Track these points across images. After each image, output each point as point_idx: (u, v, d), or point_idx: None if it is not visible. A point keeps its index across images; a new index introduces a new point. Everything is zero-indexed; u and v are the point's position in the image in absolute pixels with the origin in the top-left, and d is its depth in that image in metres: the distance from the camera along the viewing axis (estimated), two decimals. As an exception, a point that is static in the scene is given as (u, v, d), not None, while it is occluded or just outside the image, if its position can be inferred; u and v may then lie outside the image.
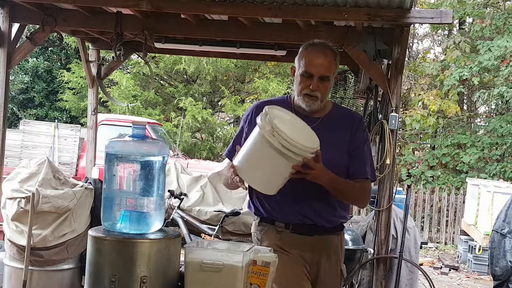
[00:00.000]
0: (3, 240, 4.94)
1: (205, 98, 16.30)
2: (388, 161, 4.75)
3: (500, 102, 15.16)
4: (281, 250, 2.71)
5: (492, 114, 16.95)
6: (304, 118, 2.64)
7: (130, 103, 13.27)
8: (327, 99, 2.76)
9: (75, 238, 4.82)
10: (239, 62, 14.65)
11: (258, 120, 2.43)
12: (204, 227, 6.40)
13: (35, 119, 14.80)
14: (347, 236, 4.82)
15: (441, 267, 9.51)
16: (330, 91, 2.81)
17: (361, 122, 2.84)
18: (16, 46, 5.41)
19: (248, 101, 15.89)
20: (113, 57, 6.19)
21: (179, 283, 2.79)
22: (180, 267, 2.81)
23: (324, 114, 2.76)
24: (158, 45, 5.69)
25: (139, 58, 10.80)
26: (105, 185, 2.82)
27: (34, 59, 17.99)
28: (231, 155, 2.76)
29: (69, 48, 17.39)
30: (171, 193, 6.41)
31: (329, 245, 2.81)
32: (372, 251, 5.08)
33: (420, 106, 14.49)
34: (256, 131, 2.44)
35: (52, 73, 17.75)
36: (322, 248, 2.78)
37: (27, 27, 6.01)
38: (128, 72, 16.43)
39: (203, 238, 6.01)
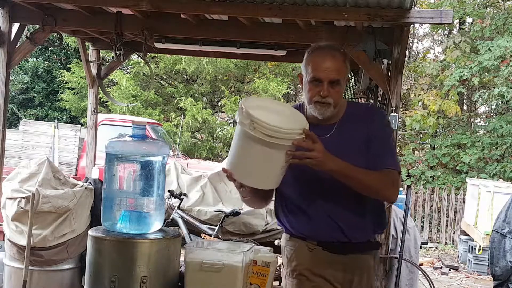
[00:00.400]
0: (3, 240, 4.94)
1: (205, 98, 16.30)
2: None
3: (500, 102, 15.16)
4: (310, 274, 2.54)
5: (492, 114, 16.95)
6: (318, 127, 2.46)
7: (130, 103, 13.27)
8: (340, 103, 2.55)
9: (75, 238, 4.82)
10: (239, 62, 14.65)
11: (236, 116, 2.33)
12: (204, 227, 6.40)
13: (35, 119, 14.79)
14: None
15: (441, 267, 9.51)
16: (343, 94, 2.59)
17: (377, 113, 2.65)
18: (16, 46, 5.40)
19: (248, 101, 15.87)
20: (113, 57, 6.19)
21: (179, 283, 2.79)
22: (180, 267, 2.81)
23: (339, 118, 2.56)
24: (158, 45, 5.69)
25: (139, 58, 10.80)
26: (105, 185, 2.83)
27: (34, 59, 17.99)
28: None
29: (69, 48, 17.39)
30: (171, 193, 6.41)
31: (363, 265, 2.58)
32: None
33: (420, 106, 14.49)
34: (238, 128, 2.33)
35: (52, 73, 17.75)
36: (356, 267, 2.56)
37: (27, 27, 6.01)
38: (128, 72, 16.43)
39: (203, 238, 6.00)
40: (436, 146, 15.26)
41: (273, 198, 2.68)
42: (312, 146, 2.27)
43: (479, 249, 8.90)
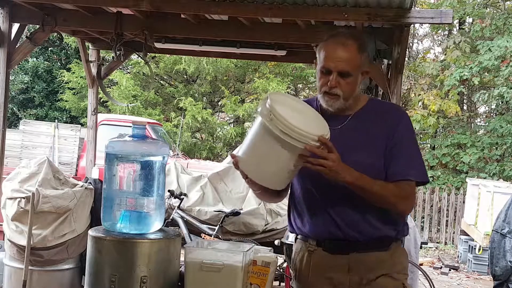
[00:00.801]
0: (3, 240, 4.94)
1: (205, 98, 16.30)
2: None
3: (500, 102, 15.16)
4: (312, 279, 2.43)
5: (492, 114, 16.96)
6: (331, 118, 2.34)
7: (130, 103, 13.27)
8: (354, 96, 2.38)
9: (75, 238, 4.82)
10: (239, 62, 14.66)
11: (259, 106, 2.25)
12: (204, 227, 6.40)
13: (35, 119, 14.79)
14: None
15: (441, 267, 9.50)
16: (359, 87, 2.41)
17: (404, 116, 2.44)
18: (16, 46, 5.41)
19: (248, 101, 15.90)
20: (113, 57, 6.19)
21: (179, 283, 2.79)
22: (180, 267, 2.81)
23: (355, 111, 2.41)
24: (158, 45, 5.69)
25: (139, 58, 10.80)
26: (105, 185, 2.83)
27: (34, 59, 17.99)
28: None
29: (69, 48, 17.39)
30: (171, 193, 6.41)
31: (371, 263, 2.37)
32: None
33: (420, 106, 14.49)
34: (257, 119, 2.25)
35: (52, 73, 17.75)
36: (361, 267, 2.37)
37: (27, 27, 6.01)
38: (128, 72, 16.44)
39: (203, 238, 6.01)
40: (436, 146, 15.26)
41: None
42: (327, 155, 2.16)
43: (479, 249, 8.89)
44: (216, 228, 6.27)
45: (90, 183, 5.13)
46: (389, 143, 2.33)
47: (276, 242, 4.68)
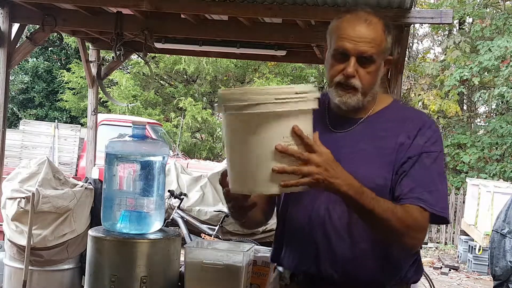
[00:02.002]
0: (3, 240, 4.94)
1: (205, 98, 16.31)
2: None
3: (500, 103, 15.16)
4: None
5: (492, 114, 16.95)
6: (339, 120, 1.80)
7: (130, 103, 13.28)
8: (373, 91, 1.80)
9: (75, 238, 4.82)
10: (239, 62, 14.66)
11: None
12: (204, 227, 6.40)
13: (35, 119, 14.81)
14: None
15: (441, 267, 9.50)
16: (379, 79, 1.82)
17: (431, 127, 1.78)
18: (16, 46, 5.40)
19: (248, 101, 15.88)
20: (113, 57, 6.19)
21: (179, 283, 2.79)
22: (180, 267, 2.81)
23: (370, 113, 1.83)
24: (158, 45, 5.69)
25: (139, 58, 10.80)
26: (105, 185, 2.83)
27: (34, 59, 18.00)
28: None
29: (69, 48, 17.40)
30: (171, 193, 6.41)
31: None
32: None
33: (420, 106, 14.49)
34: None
35: (52, 73, 17.76)
36: None
37: (27, 27, 6.01)
38: (128, 72, 16.44)
39: (203, 238, 6.00)
40: (436, 146, 15.24)
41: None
42: (308, 156, 1.51)
43: (479, 249, 8.90)
44: (216, 228, 6.27)
45: (90, 183, 5.13)
46: (401, 155, 1.73)
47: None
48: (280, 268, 1.91)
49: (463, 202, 11.70)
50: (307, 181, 1.51)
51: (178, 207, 6.48)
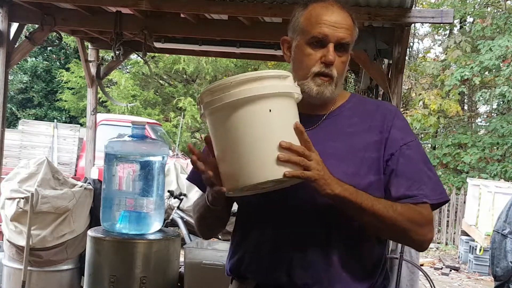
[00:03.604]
0: (2, 240, 4.93)
1: (205, 98, 16.29)
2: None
3: (501, 102, 15.16)
4: None
5: (493, 114, 16.95)
6: (303, 119, 1.55)
7: (129, 103, 13.27)
8: (341, 82, 1.71)
9: (74, 238, 4.80)
10: (238, 61, 14.65)
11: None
12: (204, 227, 6.38)
13: (34, 119, 14.80)
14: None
15: (442, 268, 9.49)
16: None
17: (399, 117, 1.71)
18: (15, 46, 5.39)
19: (248, 101, 15.89)
20: (112, 57, 6.17)
21: (178, 284, 2.77)
22: (180, 267, 2.79)
23: (332, 109, 1.72)
24: (157, 44, 5.68)
25: (138, 57, 10.79)
26: (104, 186, 2.81)
27: (33, 58, 17.99)
28: None
29: (68, 47, 17.39)
30: (171, 193, 6.39)
31: None
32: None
33: (421, 105, 14.48)
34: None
35: (51, 73, 17.76)
36: None
37: (26, 26, 5.99)
38: (128, 72, 16.43)
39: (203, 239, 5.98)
40: (437, 146, 15.25)
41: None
42: (309, 154, 1.45)
43: (480, 250, 8.88)
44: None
45: (89, 183, 5.11)
46: (385, 155, 1.64)
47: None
48: (241, 280, 1.75)
49: (464, 202, 11.69)
50: (310, 174, 1.45)
51: (178, 208, 6.46)
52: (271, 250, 1.66)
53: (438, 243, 12.27)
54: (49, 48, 17.69)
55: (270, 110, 1.44)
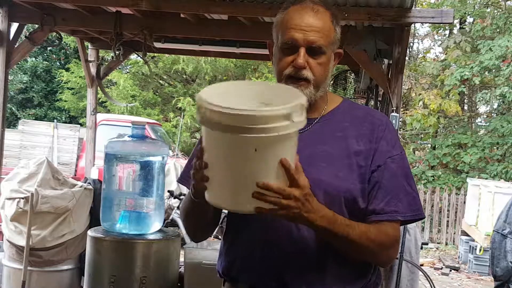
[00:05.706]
0: (2, 240, 4.93)
1: (204, 98, 16.29)
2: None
3: (501, 102, 15.17)
4: None
5: (492, 114, 16.95)
6: None
7: (129, 103, 13.27)
8: (325, 85, 1.72)
9: (74, 238, 4.80)
10: (238, 61, 14.65)
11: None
12: (204, 227, 6.38)
13: (34, 119, 14.80)
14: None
15: (441, 268, 9.49)
16: (330, 74, 1.76)
17: (389, 128, 1.74)
18: (15, 46, 5.39)
19: (247, 101, 15.88)
20: (112, 57, 6.18)
21: (178, 284, 2.77)
22: (180, 267, 2.79)
23: (324, 112, 1.74)
24: (157, 44, 5.68)
25: (138, 57, 10.79)
26: (104, 186, 2.81)
27: (33, 58, 17.99)
28: None
29: (68, 47, 17.39)
30: (171, 193, 6.39)
31: None
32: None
33: (420, 105, 14.48)
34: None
35: (51, 73, 17.75)
36: None
37: (26, 26, 5.99)
38: (127, 72, 16.43)
39: (203, 239, 5.98)
40: (436, 146, 15.25)
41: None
42: (289, 191, 1.43)
43: (480, 250, 8.88)
44: (216, 228, 6.25)
45: (89, 183, 5.11)
46: (371, 165, 1.66)
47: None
48: (233, 282, 1.75)
49: (464, 203, 11.69)
50: (283, 213, 1.45)
51: (178, 208, 6.46)
52: (262, 253, 1.66)
53: (438, 243, 12.27)
54: (49, 48, 17.69)
55: (255, 150, 1.39)
